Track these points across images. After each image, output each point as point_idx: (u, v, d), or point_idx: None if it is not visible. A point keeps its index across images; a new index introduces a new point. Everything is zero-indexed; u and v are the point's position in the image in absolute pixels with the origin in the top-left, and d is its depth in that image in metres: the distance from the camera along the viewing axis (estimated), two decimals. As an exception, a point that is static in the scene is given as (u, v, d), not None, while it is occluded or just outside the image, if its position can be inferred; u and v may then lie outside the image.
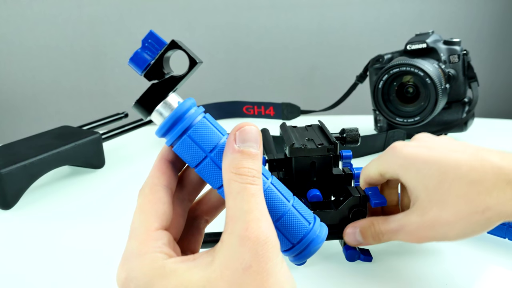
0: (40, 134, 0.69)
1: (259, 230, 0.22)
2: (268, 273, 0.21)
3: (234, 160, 0.24)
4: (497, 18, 1.38)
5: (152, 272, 0.22)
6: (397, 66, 0.72)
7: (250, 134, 0.25)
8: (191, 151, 0.26)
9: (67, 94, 1.32)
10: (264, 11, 1.32)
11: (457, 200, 0.32)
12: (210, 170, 0.26)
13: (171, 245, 0.25)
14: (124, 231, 0.53)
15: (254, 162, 0.24)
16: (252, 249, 0.21)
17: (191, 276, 0.22)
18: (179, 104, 0.27)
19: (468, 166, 0.32)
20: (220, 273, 0.21)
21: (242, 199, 0.23)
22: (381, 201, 0.41)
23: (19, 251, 0.50)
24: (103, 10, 1.25)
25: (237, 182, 0.23)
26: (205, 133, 0.26)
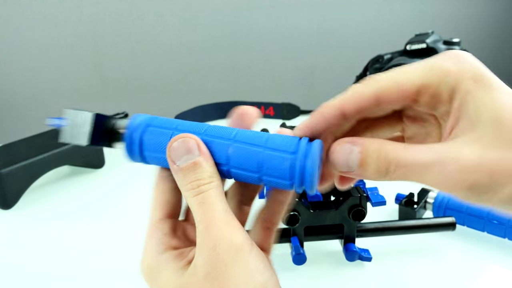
0: (40, 134, 0.69)
1: (209, 235, 0.23)
2: (225, 278, 0.22)
3: (179, 181, 0.25)
4: (497, 18, 1.38)
5: (150, 265, 0.25)
6: (397, 66, 0.72)
7: (181, 147, 0.25)
8: (161, 162, 0.27)
9: (67, 94, 1.32)
10: (264, 11, 1.32)
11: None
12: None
13: (175, 232, 0.27)
14: (124, 231, 0.54)
15: (196, 172, 0.24)
16: (206, 257, 0.23)
17: (170, 280, 0.24)
18: (127, 126, 0.28)
19: None
20: (187, 280, 0.23)
21: (195, 211, 0.24)
22: (381, 201, 0.41)
23: (19, 251, 0.50)
24: (103, 10, 1.25)
25: (188, 198, 0.24)
26: (153, 141, 0.27)
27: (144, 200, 0.63)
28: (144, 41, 1.28)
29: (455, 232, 0.45)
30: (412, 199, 0.50)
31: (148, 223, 0.27)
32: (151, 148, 0.26)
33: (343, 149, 0.23)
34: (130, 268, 0.46)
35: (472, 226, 0.47)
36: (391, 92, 0.24)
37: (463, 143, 0.21)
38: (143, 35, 1.28)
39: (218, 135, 0.26)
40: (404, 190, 0.52)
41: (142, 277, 0.26)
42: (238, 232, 0.23)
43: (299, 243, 0.42)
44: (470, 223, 0.47)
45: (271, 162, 0.24)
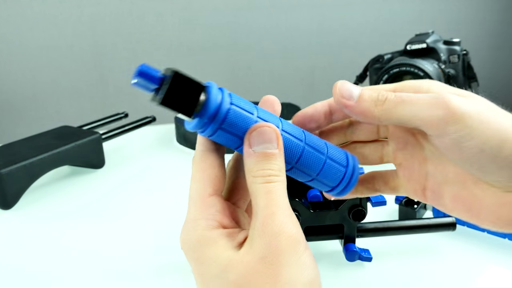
0: (40, 134, 0.69)
1: (272, 224, 0.24)
2: (280, 264, 0.23)
3: (249, 164, 0.26)
4: (497, 18, 1.38)
5: (199, 238, 0.25)
6: (397, 66, 0.72)
7: (263, 135, 0.25)
8: (227, 140, 0.26)
9: (67, 94, 1.32)
10: (264, 11, 1.32)
11: None
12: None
13: (225, 211, 0.26)
14: (124, 231, 0.54)
15: (270, 162, 0.25)
16: (266, 242, 0.23)
17: (222, 253, 0.24)
18: (206, 101, 0.25)
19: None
20: (241, 257, 0.24)
21: (260, 197, 0.25)
22: (381, 201, 0.41)
23: (19, 251, 0.50)
24: (103, 10, 1.25)
25: (255, 184, 0.25)
26: (237, 121, 0.26)
27: (144, 200, 0.63)
28: (144, 41, 1.28)
29: (455, 232, 0.45)
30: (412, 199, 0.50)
31: (195, 198, 0.26)
32: (230, 127, 0.26)
33: (347, 83, 0.28)
34: (130, 268, 0.46)
35: (473, 226, 0.47)
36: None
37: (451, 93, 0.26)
38: (143, 35, 1.28)
39: (292, 133, 0.27)
40: (404, 190, 0.52)
41: (185, 250, 0.25)
42: (297, 227, 0.24)
43: (299, 243, 0.42)
44: (470, 223, 0.47)
45: (330, 170, 0.28)
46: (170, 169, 0.72)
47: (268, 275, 0.23)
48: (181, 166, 0.73)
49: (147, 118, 0.82)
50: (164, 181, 0.68)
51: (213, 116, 0.25)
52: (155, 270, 0.45)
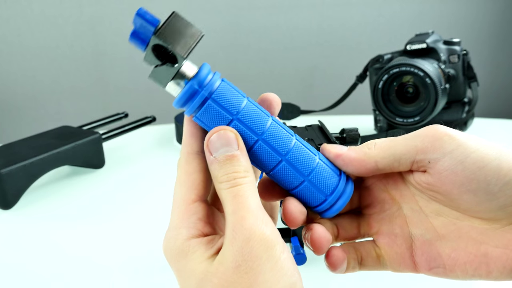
0: (40, 134, 0.69)
1: (242, 228, 0.22)
2: (256, 272, 0.22)
3: (214, 172, 0.25)
4: (497, 18, 1.38)
5: (180, 248, 0.24)
6: (397, 66, 0.72)
7: (219, 139, 0.25)
8: (217, 116, 0.25)
9: (67, 94, 1.32)
10: (264, 11, 1.31)
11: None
12: (239, 132, 0.26)
13: (207, 218, 0.26)
14: (124, 231, 0.54)
15: (233, 165, 0.24)
16: (238, 249, 0.22)
17: (198, 265, 0.23)
18: (198, 71, 0.26)
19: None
20: (215, 269, 0.23)
21: (228, 203, 0.24)
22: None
23: (19, 251, 0.50)
24: (103, 10, 1.25)
25: (222, 190, 0.24)
26: (229, 95, 0.25)
27: (144, 200, 0.63)
28: (144, 41, 1.28)
29: (455, 232, 0.45)
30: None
31: (178, 203, 0.25)
32: (221, 100, 0.25)
33: (333, 145, 0.28)
34: (130, 268, 0.46)
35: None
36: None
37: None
38: (143, 35, 1.28)
39: (276, 140, 0.26)
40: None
41: (168, 259, 0.25)
42: (271, 229, 0.23)
43: (299, 243, 0.42)
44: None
45: (323, 173, 0.27)
46: (170, 169, 0.72)
47: (244, 286, 0.22)
48: (181, 166, 0.73)
49: (147, 118, 0.82)
50: (164, 181, 0.68)
51: (204, 83, 0.25)
52: (155, 270, 0.45)
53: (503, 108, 1.46)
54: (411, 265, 0.28)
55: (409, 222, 0.28)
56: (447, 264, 0.27)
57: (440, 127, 0.26)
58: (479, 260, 0.26)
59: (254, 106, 0.26)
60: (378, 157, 0.27)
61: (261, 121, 0.26)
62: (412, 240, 0.28)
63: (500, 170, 0.24)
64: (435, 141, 0.25)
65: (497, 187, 0.24)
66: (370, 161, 0.27)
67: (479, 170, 0.24)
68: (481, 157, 0.24)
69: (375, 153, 0.27)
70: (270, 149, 0.26)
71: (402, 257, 0.28)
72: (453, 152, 0.25)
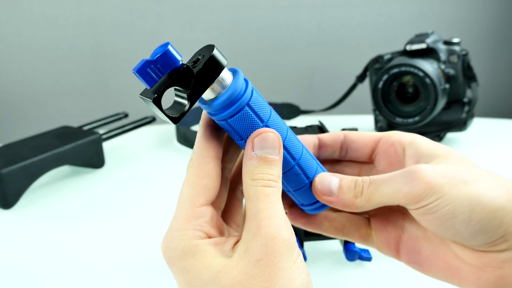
0: (40, 134, 0.69)
1: (269, 226, 0.23)
2: (276, 267, 0.23)
3: (250, 167, 0.26)
4: (497, 18, 1.38)
5: (186, 248, 0.24)
6: (397, 66, 0.72)
7: (267, 140, 0.26)
8: (250, 122, 0.26)
9: (67, 94, 1.32)
10: (264, 11, 1.32)
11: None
12: None
13: (213, 222, 0.26)
14: (124, 231, 0.54)
15: (271, 168, 0.25)
16: (262, 244, 0.23)
17: (213, 260, 0.24)
18: (234, 77, 0.26)
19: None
20: (235, 262, 0.23)
21: (257, 200, 0.24)
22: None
23: (19, 250, 0.50)
24: (103, 10, 1.25)
25: (253, 186, 0.25)
26: (261, 102, 0.26)
27: (144, 200, 0.63)
28: (144, 41, 1.28)
29: (455, 232, 0.45)
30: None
31: (185, 205, 0.26)
32: (256, 106, 0.26)
33: (326, 178, 0.29)
34: (130, 268, 0.46)
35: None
36: (357, 138, 0.32)
37: (421, 166, 0.27)
38: (143, 35, 1.28)
39: (289, 148, 0.28)
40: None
41: (168, 258, 0.25)
42: (293, 234, 0.24)
43: (299, 243, 0.42)
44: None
45: (309, 193, 0.30)
46: (170, 169, 0.72)
47: (263, 279, 0.22)
48: (181, 166, 0.73)
49: (147, 118, 0.82)
50: (164, 181, 0.68)
51: (242, 90, 0.25)
52: (155, 270, 0.45)
53: (503, 108, 1.46)
54: (394, 252, 0.31)
55: (405, 215, 0.30)
56: (424, 263, 0.29)
57: (422, 175, 0.26)
58: (453, 272, 0.28)
59: (276, 114, 0.27)
60: (364, 207, 0.28)
61: (283, 128, 0.27)
62: (402, 231, 0.30)
63: (469, 221, 0.25)
64: (413, 197, 0.26)
65: (467, 234, 0.25)
66: (358, 210, 0.28)
67: (448, 220, 0.25)
68: (453, 210, 0.25)
69: (361, 204, 0.28)
70: (287, 154, 0.28)
71: (388, 242, 0.31)
72: (429, 205, 0.26)
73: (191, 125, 0.93)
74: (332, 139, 0.32)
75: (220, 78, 0.25)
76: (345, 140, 0.32)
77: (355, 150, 0.32)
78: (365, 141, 0.31)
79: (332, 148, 0.32)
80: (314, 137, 0.32)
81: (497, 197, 0.25)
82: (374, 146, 0.31)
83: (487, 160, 0.72)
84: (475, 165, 0.27)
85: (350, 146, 0.32)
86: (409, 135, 0.30)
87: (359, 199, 0.28)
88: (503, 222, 0.25)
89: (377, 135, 0.31)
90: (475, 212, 0.25)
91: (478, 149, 0.79)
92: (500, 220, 0.25)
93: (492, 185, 0.25)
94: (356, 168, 0.33)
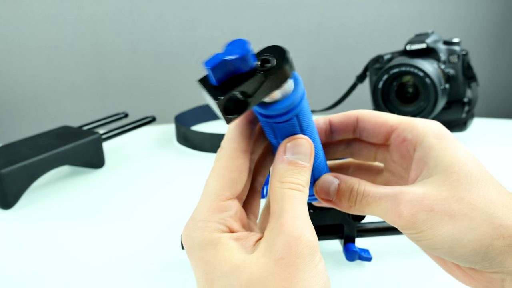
0: (40, 134, 0.69)
1: (293, 226, 0.23)
2: (297, 268, 0.22)
3: (280, 170, 0.26)
4: (497, 18, 1.38)
5: (208, 240, 0.24)
6: (397, 66, 0.72)
7: (300, 147, 0.26)
8: (291, 130, 0.26)
9: (67, 94, 1.32)
10: (264, 11, 1.32)
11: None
12: None
13: (237, 216, 0.26)
14: (124, 231, 0.54)
15: (300, 173, 0.26)
16: (285, 243, 0.23)
17: (233, 255, 0.24)
18: (295, 85, 0.25)
19: None
20: (256, 259, 0.23)
21: (283, 201, 0.25)
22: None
23: (19, 251, 0.50)
24: (103, 10, 1.25)
25: (281, 189, 0.25)
26: (307, 115, 0.26)
27: (144, 200, 0.63)
28: (144, 41, 1.28)
29: (455, 232, 0.45)
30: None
31: (211, 197, 0.25)
32: (280, 129, 0.26)
33: (326, 181, 0.29)
34: (130, 268, 0.46)
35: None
36: (370, 121, 0.30)
37: (416, 185, 0.27)
38: (143, 35, 1.28)
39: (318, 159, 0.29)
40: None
41: (189, 247, 0.25)
42: (316, 239, 0.24)
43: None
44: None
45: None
46: (170, 169, 0.72)
47: (283, 278, 0.22)
48: (181, 166, 0.73)
49: (147, 118, 0.82)
50: (164, 181, 0.68)
51: (300, 102, 0.25)
52: (155, 270, 0.45)
53: (503, 108, 1.46)
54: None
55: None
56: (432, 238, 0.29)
57: (403, 208, 0.26)
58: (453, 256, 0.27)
59: (313, 122, 0.28)
60: (359, 213, 0.29)
61: (315, 137, 0.28)
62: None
63: (450, 254, 0.25)
64: (397, 226, 0.27)
65: (450, 259, 0.26)
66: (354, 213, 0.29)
67: (430, 250, 0.26)
68: (434, 245, 0.26)
69: (355, 211, 0.29)
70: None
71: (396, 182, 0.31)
72: (411, 235, 0.27)
73: (191, 125, 0.93)
74: (343, 124, 0.31)
75: (285, 85, 0.24)
76: (358, 125, 0.31)
77: (367, 136, 0.31)
78: (379, 130, 0.30)
79: (344, 132, 0.32)
80: (326, 122, 0.31)
81: (481, 236, 0.24)
82: (387, 135, 0.30)
83: (487, 160, 0.72)
84: (478, 181, 0.26)
85: (363, 131, 0.31)
86: (423, 131, 0.28)
87: (353, 208, 0.29)
88: (486, 257, 0.24)
89: (391, 124, 0.30)
90: (455, 249, 0.25)
91: (478, 149, 0.79)
92: (482, 256, 0.24)
93: (480, 221, 0.24)
94: (372, 150, 0.32)
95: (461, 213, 0.25)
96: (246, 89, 0.23)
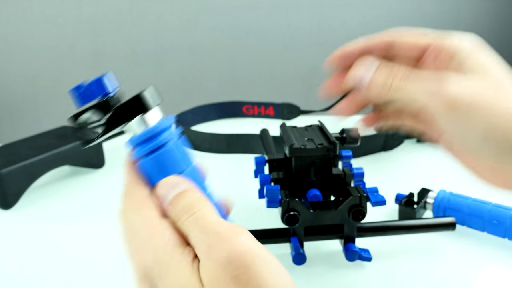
0: (40, 134, 0.69)
1: (219, 250, 0.22)
2: (254, 279, 0.21)
3: (172, 215, 0.25)
4: (497, 18, 1.38)
5: (162, 260, 0.24)
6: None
7: (167, 186, 0.26)
8: (157, 170, 0.27)
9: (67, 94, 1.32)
10: (264, 11, 1.32)
11: None
12: None
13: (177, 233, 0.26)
14: (124, 231, 0.53)
15: (185, 198, 0.25)
16: (224, 268, 0.22)
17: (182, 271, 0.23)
18: (161, 120, 0.27)
19: None
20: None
21: (195, 229, 0.24)
22: (381, 201, 0.41)
23: (19, 251, 0.50)
24: (103, 10, 1.25)
25: (183, 225, 0.25)
26: (173, 157, 0.27)
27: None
28: (144, 41, 1.28)
29: (455, 232, 0.45)
30: (412, 199, 0.50)
31: (150, 219, 0.26)
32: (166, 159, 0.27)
33: (368, 63, 0.32)
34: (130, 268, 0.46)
35: (472, 226, 0.47)
36: (407, 40, 0.33)
37: (454, 76, 0.29)
38: (143, 35, 1.28)
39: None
40: (404, 190, 0.52)
41: (140, 276, 0.25)
42: (248, 238, 0.23)
43: (299, 243, 0.42)
44: (470, 223, 0.47)
45: None
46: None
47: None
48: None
49: (147, 118, 0.82)
50: (164, 181, 0.68)
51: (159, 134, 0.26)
52: (155, 270, 0.45)
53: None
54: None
55: None
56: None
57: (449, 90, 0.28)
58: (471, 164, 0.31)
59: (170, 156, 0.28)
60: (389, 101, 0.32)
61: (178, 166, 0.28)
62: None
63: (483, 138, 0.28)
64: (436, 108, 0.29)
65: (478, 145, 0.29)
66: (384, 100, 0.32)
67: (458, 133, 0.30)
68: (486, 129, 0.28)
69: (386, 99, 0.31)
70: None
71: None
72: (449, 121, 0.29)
73: (191, 125, 0.93)
74: (379, 46, 0.34)
75: (148, 115, 0.26)
76: (393, 47, 0.33)
77: (400, 59, 0.33)
78: (412, 51, 0.33)
79: (380, 53, 0.34)
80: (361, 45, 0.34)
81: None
82: (421, 53, 0.32)
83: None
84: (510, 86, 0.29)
85: (399, 52, 0.33)
86: (460, 41, 0.31)
87: (388, 91, 0.30)
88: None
89: (425, 42, 0.32)
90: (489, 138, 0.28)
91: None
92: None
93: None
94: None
95: (500, 106, 0.28)
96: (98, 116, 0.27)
